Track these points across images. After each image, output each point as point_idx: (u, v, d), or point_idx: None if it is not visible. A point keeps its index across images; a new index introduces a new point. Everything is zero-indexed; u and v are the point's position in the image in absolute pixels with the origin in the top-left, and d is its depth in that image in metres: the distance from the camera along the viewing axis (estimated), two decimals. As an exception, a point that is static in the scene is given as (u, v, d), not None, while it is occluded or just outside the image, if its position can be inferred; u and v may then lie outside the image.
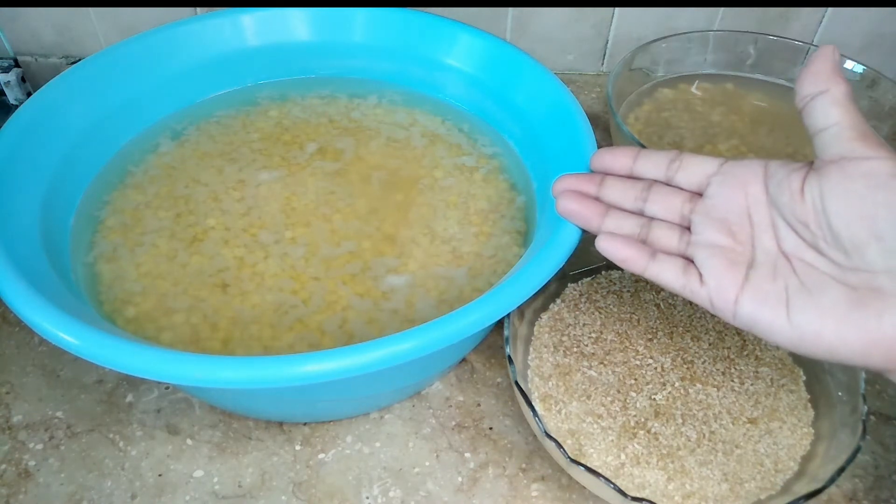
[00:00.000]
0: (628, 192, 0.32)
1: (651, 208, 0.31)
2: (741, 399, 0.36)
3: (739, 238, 0.28)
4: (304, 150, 0.46)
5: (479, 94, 0.48)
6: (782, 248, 0.27)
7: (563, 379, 0.36)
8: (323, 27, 0.49)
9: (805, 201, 0.26)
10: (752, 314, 0.27)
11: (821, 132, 0.26)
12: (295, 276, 0.38)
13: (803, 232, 0.27)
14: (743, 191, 0.29)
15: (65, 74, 0.42)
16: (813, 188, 0.26)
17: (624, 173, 0.32)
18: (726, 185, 0.29)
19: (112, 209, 0.41)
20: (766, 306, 0.26)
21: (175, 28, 0.46)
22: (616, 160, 0.33)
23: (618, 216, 0.32)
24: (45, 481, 0.35)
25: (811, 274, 0.26)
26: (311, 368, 0.27)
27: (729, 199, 0.29)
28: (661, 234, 0.30)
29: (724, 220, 0.29)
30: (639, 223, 0.31)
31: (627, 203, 0.32)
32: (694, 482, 0.33)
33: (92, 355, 0.28)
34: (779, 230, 0.27)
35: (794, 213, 0.27)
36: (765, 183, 0.28)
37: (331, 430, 0.38)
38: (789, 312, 0.26)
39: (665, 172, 0.31)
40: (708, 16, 0.60)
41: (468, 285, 0.38)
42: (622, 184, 0.32)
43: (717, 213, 0.29)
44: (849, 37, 0.60)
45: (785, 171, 0.27)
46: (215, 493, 0.35)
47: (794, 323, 0.26)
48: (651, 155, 0.32)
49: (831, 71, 0.26)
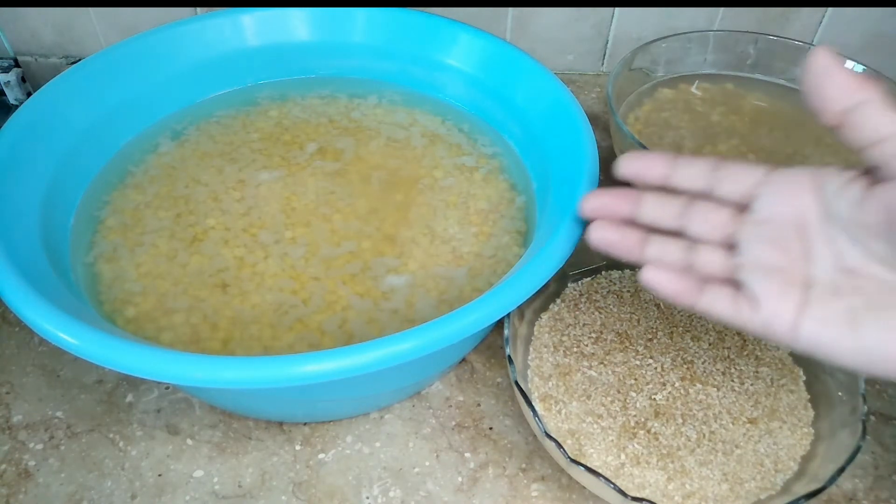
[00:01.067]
0: (667, 210, 0.29)
1: (693, 228, 0.29)
2: (741, 399, 0.36)
3: (792, 255, 0.26)
4: (304, 150, 0.46)
5: (479, 94, 0.48)
6: (844, 263, 0.25)
7: (563, 379, 0.36)
8: (323, 27, 0.49)
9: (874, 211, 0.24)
10: (816, 337, 0.25)
11: (878, 144, 0.23)
12: (295, 276, 0.38)
13: (870, 244, 0.24)
14: (794, 203, 0.26)
15: (65, 74, 0.42)
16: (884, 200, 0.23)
17: (658, 183, 0.30)
18: (775, 198, 0.27)
19: (112, 209, 0.41)
20: (831, 327, 0.25)
21: (175, 28, 0.46)
22: (650, 168, 0.30)
23: (660, 242, 0.29)
24: (45, 481, 0.35)
25: (879, 289, 0.24)
26: (311, 368, 0.27)
27: (779, 214, 0.27)
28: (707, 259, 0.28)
29: (775, 237, 0.27)
30: (682, 247, 0.29)
31: (667, 221, 0.29)
32: (694, 482, 0.33)
33: (92, 355, 0.28)
34: (838, 244, 0.25)
35: (861, 224, 0.24)
36: (818, 193, 0.26)
37: (331, 430, 0.38)
38: (856, 332, 0.24)
39: (706, 183, 0.29)
40: (708, 16, 0.60)
41: (468, 285, 0.38)
42: (660, 201, 0.29)
43: (766, 229, 0.27)
44: (849, 37, 0.60)
45: (841, 181, 0.25)
46: (215, 493, 0.35)
47: (861, 343, 0.24)
48: (690, 163, 0.29)
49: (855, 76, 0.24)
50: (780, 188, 0.27)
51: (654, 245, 0.29)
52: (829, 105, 0.24)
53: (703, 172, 0.29)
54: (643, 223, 0.30)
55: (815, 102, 0.25)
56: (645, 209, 0.30)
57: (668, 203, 0.29)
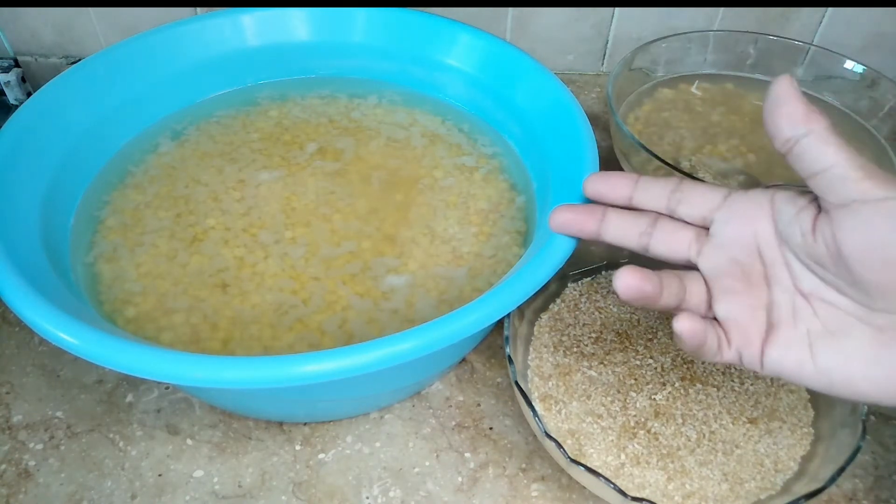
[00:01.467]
0: (631, 230, 0.30)
1: (656, 247, 0.29)
2: (741, 399, 0.36)
3: (753, 279, 0.27)
4: (304, 150, 0.46)
5: (479, 94, 0.48)
6: (799, 287, 0.26)
7: (563, 379, 0.36)
8: (323, 27, 0.49)
9: (818, 243, 0.25)
10: (777, 363, 0.26)
11: (818, 175, 0.24)
12: (295, 276, 0.38)
13: (821, 272, 0.25)
14: (750, 227, 0.27)
15: (65, 74, 0.42)
16: (825, 233, 0.24)
17: (622, 204, 0.30)
18: (733, 223, 0.27)
19: (112, 209, 0.41)
20: (790, 354, 0.25)
21: (175, 28, 0.46)
22: (613, 189, 0.31)
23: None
24: (45, 481, 0.35)
25: (834, 315, 0.25)
26: (311, 368, 0.27)
27: (737, 238, 0.27)
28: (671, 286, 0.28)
29: (735, 261, 0.27)
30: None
31: (631, 241, 0.30)
32: (694, 482, 0.33)
33: (92, 355, 0.28)
34: (793, 269, 0.26)
35: (810, 254, 0.25)
36: (773, 219, 0.27)
37: (331, 430, 0.38)
38: (814, 357, 0.25)
39: (666, 204, 0.29)
40: (708, 16, 0.60)
41: (468, 285, 0.38)
42: (623, 220, 0.30)
43: (726, 253, 0.27)
44: (849, 37, 0.60)
45: (793, 210, 0.26)
46: (215, 493, 0.35)
47: (820, 369, 0.25)
48: (650, 185, 0.30)
49: (805, 107, 0.24)
50: (736, 213, 0.27)
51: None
52: (778, 133, 0.25)
53: (664, 194, 0.29)
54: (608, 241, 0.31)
55: (767, 129, 0.25)
56: (609, 227, 0.30)
57: (632, 223, 0.30)
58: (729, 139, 0.51)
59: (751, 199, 0.27)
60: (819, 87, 0.54)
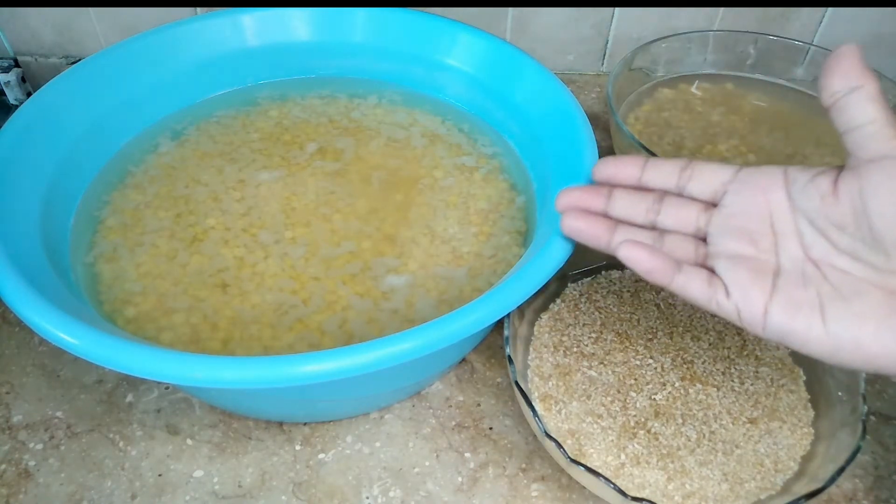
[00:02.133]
0: (638, 206, 0.30)
1: (664, 221, 0.30)
2: (741, 399, 0.36)
3: (762, 247, 0.27)
4: (304, 150, 0.46)
5: (479, 94, 0.48)
6: (810, 255, 0.26)
7: (563, 379, 0.36)
8: (323, 27, 0.49)
9: (841, 202, 0.25)
10: (784, 325, 0.25)
11: (856, 129, 0.25)
12: (295, 276, 0.38)
13: (836, 236, 0.25)
14: (763, 198, 0.27)
15: (65, 74, 0.42)
16: (851, 188, 0.25)
17: (631, 184, 0.31)
18: (744, 194, 0.28)
19: (112, 209, 0.41)
20: (799, 316, 0.25)
21: (175, 28, 0.46)
22: (622, 170, 0.31)
23: (628, 230, 0.30)
24: (45, 481, 0.35)
25: (845, 280, 0.25)
26: (311, 368, 0.27)
27: (748, 208, 0.28)
28: (677, 246, 0.29)
29: (744, 230, 0.27)
30: (651, 237, 0.30)
31: (638, 217, 0.30)
32: (694, 482, 0.33)
33: (92, 355, 0.28)
34: (805, 237, 0.26)
35: (828, 217, 0.26)
36: (786, 189, 0.27)
37: (331, 430, 0.38)
38: (825, 321, 0.25)
39: (676, 182, 0.30)
40: (708, 16, 0.60)
41: (468, 285, 0.38)
42: (631, 196, 0.30)
43: (735, 222, 0.28)
44: (849, 37, 0.60)
45: (808, 175, 0.26)
46: (215, 493, 0.35)
47: (830, 332, 0.25)
48: (660, 164, 0.30)
49: (862, 67, 0.25)
50: (748, 185, 0.28)
51: (623, 232, 0.30)
52: (828, 85, 0.26)
53: (673, 172, 0.30)
54: (615, 217, 0.31)
55: (822, 81, 0.26)
56: (615, 204, 0.31)
57: (639, 199, 0.30)
58: (729, 139, 0.51)
59: (763, 172, 0.28)
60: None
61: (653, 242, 0.29)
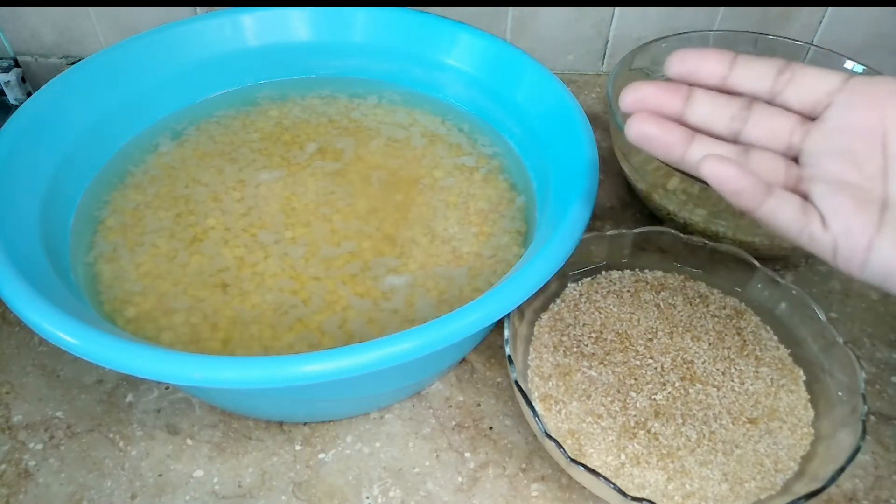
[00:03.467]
0: (723, 111, 0.26)
1: (751, 132, 0.25)
2: (741, 399, 0.36)
3: (867, 172, 0.23)
4: (304, 150, 0.46)
5: (479, 94, 0.48)
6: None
7: (563, 379, 0.36)
8: (323, 27, 0.49)
9: None
10: (890, 263, 0.22)
11: None
12: (295, 276, 0.38)
13: None
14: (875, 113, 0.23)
15: (65, 74, 0.42)
16: None
17: (714, 84, 0.26)
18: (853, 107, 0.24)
19: (112, 209, 0.41)
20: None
21: (175, 28, 0.46)
22: (705, 65, 0.26)
23: (708, 142, 0.26)
24: (45, 481, 0.35)
25: None
26: (311, 368, 0.27)
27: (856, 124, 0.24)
28: (765, 165, 0.25)
29: (849, 150, 0.24)
30: (735, 151, 0.25)
31: (720, 125, 0.26)
32: (694, 482, 0.33)
33: (92, 355, 0.28)
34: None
35: None
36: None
37: (331, 430, 0.38)
38: None
39: (771, 86, 0.26)
40: (708, 16, 0.60)
41: (468, 285, 0.38)
42: (714, 100, 0.26)
43: (839, 140, 0.24)
44: (849, 37, 0.60)
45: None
46: (215, 493, 0.35)
47: None
48: (752, 62, 0.26)
49: None
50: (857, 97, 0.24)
51: (701, 144, 0.26)
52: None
53: (768, 74, 0.26)
54: (691, 124, 0.26)
55: None
56: (695, 107, 0.26)
57: (724, 103, 0.26)
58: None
59: (878, 83, 0.24)
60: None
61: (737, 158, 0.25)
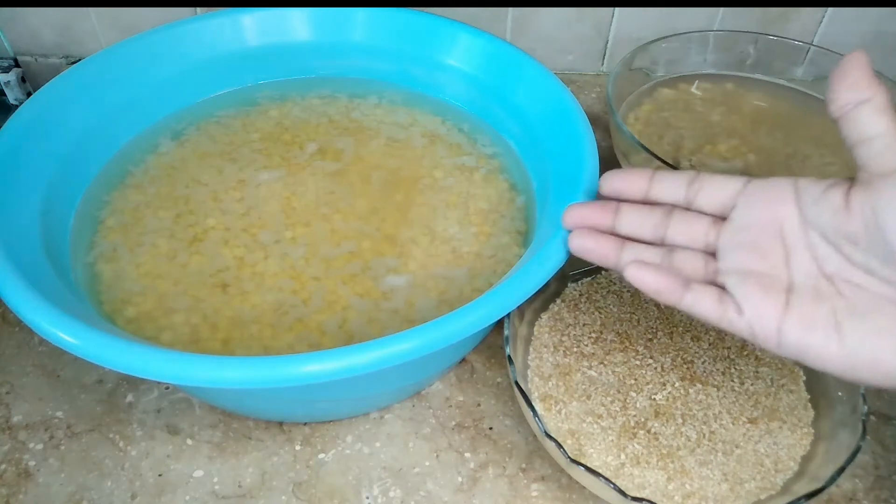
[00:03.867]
0: (646, 221, 0.30)
1: (673, 236, 0.29)
2: (741, 399, 0.36)
3: (772, 261, 0.26)
4: (304, 150, 0.46)
5: (479, 94, 0.48)
6: (824, 269, 0.25)
7: (563, 379, 0.36)
8: (323, 27, 0.49)
9: (853, 217, 0.24)
10: (800, 342, 0.25)
11: (866, 142, 0.24)
12: (295, 276, 0.38)
13: (849, 251, 0.25)
14: (772, 211, 0.27)
15: (65, 74, 0.42)
16: (864, 203, 0.24)
17: (638, 199, 0.30)
18: (753, 207, 0.27)
19: (112, 209, 0.41)
20: (815, 332, 0.25)
21: (175, 28, 0.46)
22: (629, 184, 0.30)
23: (636, 248, 0.30)
24: (45, 481, 0.35)
25: (860, 295, 0.24)
26: (311, 368, 0.27)
27: (758, 221, 0.27)
28: (686, 262, 0.28)
29: (754, 244, 0.27)
30: (659, 253, 0.29)
31: (646, 233, 0.30)
32: (694, 482, 0.33)
33: (92, 355, 0.28)
34: (818, 251, 0.26)
35: (841, 231, 0.25)
36: (797, 202, 0.26)
37: (331, 430, 0.38)
38: (841, 337, 0.24)
39: (685, 195, 0.29)
40: (708, 16, 0.60)
41: (468, 285, 0.38)
42: (639, 212, 0.30)
43: (745, 236, 0.27)
44: (849, 37, 0.60)
45: (819, 189, 0.26)
46: (215, 493, 0.35)
47: (847, 348, 0.24)
48: (667, 177, 0.30)
49: (871, 78, 0.25)
50: (758, 197, 0.27)
51: (631, 250, 0.30)
52: (836, 97, 0.25)
53: (681, 185, 0.29)
54: (623, 234, 0.30)
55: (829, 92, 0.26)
56: (623, 220, 0.30)
57: (647, 214, 0.30)
58: (729, 139, 0.51)
59: (773, 185, 0.27)
60: (819, 87, 0.54)
61: (662, 258, 0.29)
